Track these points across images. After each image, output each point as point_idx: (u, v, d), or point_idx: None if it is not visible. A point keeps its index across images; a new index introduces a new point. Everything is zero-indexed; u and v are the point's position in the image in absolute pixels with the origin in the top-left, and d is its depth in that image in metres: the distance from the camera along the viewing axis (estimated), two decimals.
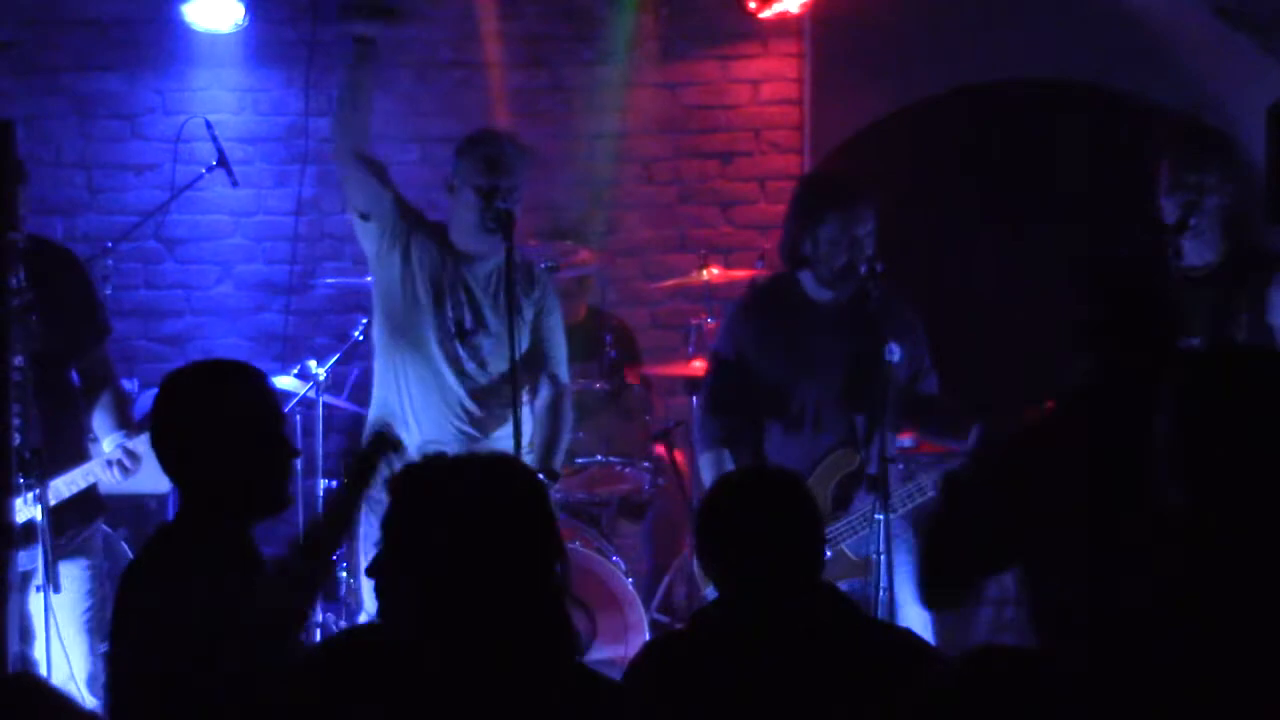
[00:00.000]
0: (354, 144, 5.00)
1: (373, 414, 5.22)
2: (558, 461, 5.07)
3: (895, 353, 4.82)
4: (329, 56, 7.35)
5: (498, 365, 5.02)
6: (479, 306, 5.03)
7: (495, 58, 7.46)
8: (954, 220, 7.21)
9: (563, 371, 5.17)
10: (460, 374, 5.02)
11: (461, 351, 5.02)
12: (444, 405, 5.03)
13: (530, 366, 5.09)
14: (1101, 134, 7.37)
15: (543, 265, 5.58)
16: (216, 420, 3.13)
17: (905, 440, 5.74)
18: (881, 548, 4.64)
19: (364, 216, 5.07)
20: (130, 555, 5.97)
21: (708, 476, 5.10)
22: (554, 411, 5.09)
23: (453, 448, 4.87)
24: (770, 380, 5.04)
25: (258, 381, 3.24)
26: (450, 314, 5.01)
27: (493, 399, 5.03)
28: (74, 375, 4.94)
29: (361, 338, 6.77)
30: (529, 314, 5.07)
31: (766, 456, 5.03)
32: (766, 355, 5.06)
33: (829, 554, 4.81)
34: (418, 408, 5.04)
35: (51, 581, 4.50)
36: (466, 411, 5.02)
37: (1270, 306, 4.82)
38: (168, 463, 3.19)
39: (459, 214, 5.01)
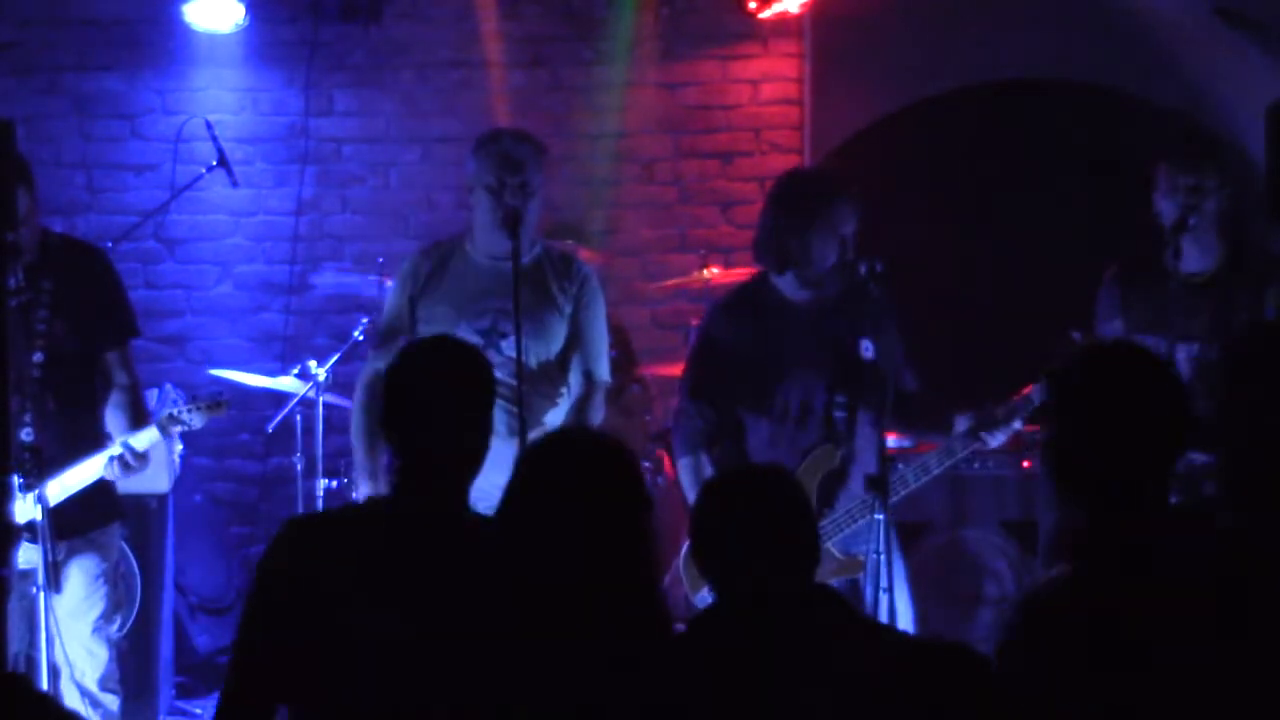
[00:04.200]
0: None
1: None
2: None
3: (869, 349, 4.81)
4: (329, 56, 7.44)
5: (531, 363, 4.94)
6: (506, 307, 4.90)
7: (495, 58, 7.46)
8: (953, 220, 7.20)
9: (599, 368, 5.07)
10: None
11: (493, 356, 4.95)
12: None
13: (565, 362, 5.04)
14: (1101, 134, 7.37)
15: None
16: None
17: (904, 440, 5.74)
18: (881, 548, 4.61)
19: None
20: (130, 555, 5.92)
21: (688, 482, 5.05)
22: (578, 409, 5.00)
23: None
24: (751, 379, 5.02)
25: None
26: (477, 321, 4.94)
27: (532, 397, 4.92)
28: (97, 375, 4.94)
29: (362, 337, 6.77)
30: (567, 308, 5.03)
31: (750, 456, 5.00)
32: (746, 355, 5.03)
33: None
34: None
35: (52, 582, 4.48)
36: (507, 412, 4.87)
37: (1270, 309, 4.83)
38: None
39: (479, 215, 4.99)
